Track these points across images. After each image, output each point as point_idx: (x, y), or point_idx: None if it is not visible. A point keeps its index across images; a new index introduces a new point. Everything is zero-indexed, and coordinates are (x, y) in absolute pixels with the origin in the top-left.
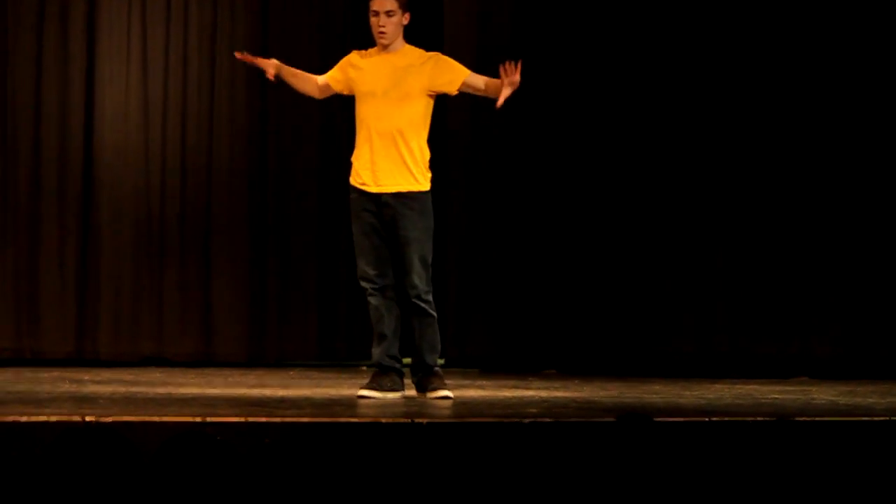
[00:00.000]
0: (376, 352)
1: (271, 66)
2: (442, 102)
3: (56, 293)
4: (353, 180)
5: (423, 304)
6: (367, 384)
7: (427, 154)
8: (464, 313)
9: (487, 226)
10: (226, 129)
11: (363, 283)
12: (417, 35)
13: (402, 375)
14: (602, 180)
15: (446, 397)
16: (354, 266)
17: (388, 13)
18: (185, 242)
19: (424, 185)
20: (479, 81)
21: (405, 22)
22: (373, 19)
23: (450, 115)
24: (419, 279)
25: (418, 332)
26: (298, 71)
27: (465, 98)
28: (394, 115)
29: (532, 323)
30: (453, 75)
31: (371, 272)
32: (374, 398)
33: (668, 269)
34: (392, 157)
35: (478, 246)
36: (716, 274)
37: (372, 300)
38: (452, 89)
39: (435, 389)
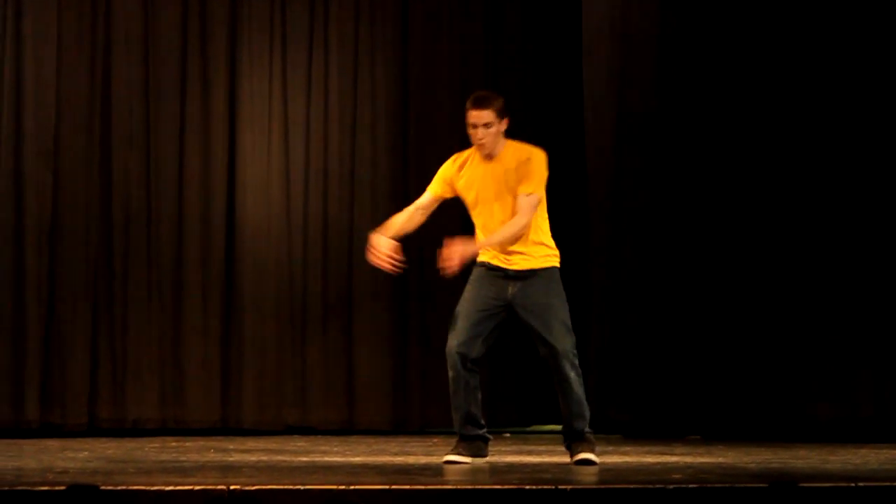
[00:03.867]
0: (455, 423)
1: (388, 247)
2: (584, 166)
3: (200, 363)
4: (480, 258)
5: (569, 368)
6: (452, 450)
7: (548, 238)
8: (606, 378)
9: (629, 291)
10: (367, 196)
11: (447, 354)
12: (557, 99)
13: (486, 441)
14: (742, 246)
15: (588, 460)
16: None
17: (486, 125)
18: (328, 311)
19: (552, 263)
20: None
21: (503, 128)
22: (471, 131)
23: (591, 182)
24: (563, 341)
25: (564, 399)
26: (398, 223)
27: (607, 161)
28: (507, 215)
29: (675, 388)
30: (524, 183)
31: (454, 342)
32: (462, 462)
33: (811, 334)
34: (513, 249)
35: (619, 311)
36: (860, 338)
37: (451, 372)
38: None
39: (579, 452)
